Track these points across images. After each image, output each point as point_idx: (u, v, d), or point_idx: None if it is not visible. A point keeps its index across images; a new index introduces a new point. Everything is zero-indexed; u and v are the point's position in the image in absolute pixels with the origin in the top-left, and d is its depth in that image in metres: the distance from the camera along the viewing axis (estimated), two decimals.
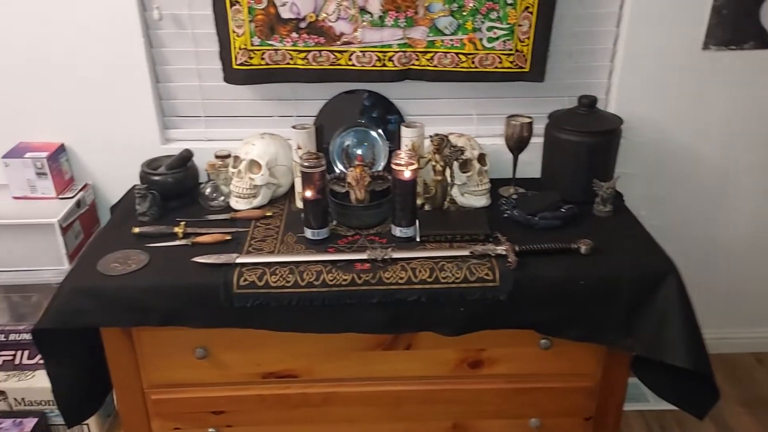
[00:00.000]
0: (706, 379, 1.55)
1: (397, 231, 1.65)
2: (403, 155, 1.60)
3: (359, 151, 1.88)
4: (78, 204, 1.91)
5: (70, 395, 1.64)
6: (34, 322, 1.54)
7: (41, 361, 1.90)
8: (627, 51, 1.90)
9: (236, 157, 1.80)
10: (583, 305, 1.54)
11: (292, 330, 1.54)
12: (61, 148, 1.94)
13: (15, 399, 1.94)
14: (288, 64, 1.83)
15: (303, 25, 1.78)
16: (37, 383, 1.93)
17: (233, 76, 1.85)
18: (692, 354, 1.50)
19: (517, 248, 1.55)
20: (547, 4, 1.77)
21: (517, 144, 1.82)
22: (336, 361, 1.64)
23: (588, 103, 1.80)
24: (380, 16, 1.77)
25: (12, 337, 1.94)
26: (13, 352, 1.96)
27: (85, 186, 1.97)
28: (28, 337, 1.92)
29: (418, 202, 1.72)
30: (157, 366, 1.63)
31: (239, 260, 1.53)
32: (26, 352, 1.96)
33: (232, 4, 1.74)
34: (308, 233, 1.63)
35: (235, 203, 1.80)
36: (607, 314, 1.55)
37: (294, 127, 1.72)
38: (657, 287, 1.52)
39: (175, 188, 1.81)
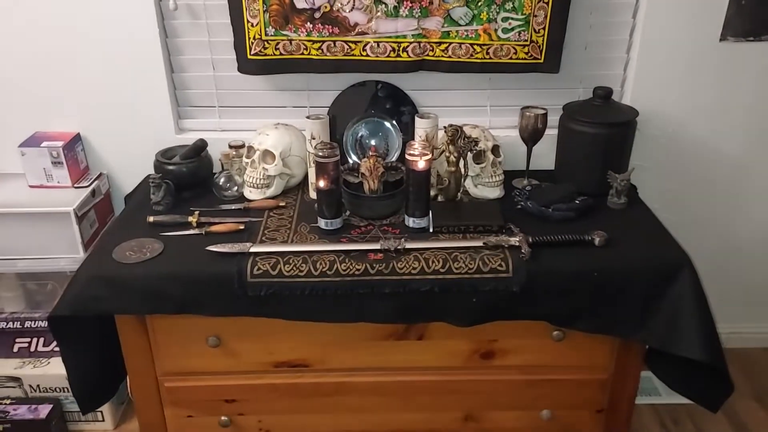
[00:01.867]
0: (719, 373, 1.54)
1: (411, 221, 1.65)
2: (416, 146, 1.60)
3: (373, 142, 1.88)
4: (93, 193, 1.92)
5: (84, 382, 1.65)
6: (49, 310, 1.56)
7: (56, 349, 1.93)
8: (643, 42, 1.88)
9: (250, 147, 1.80)
10: (596, 297, 1.53)
11: (304, 319, 1.55)
12: (77, 138, 1.96)
13: (30, 386, 1.96)
14: (302, 54, 1.83)
15: (317, 15, 1.78)
16: (52, 370, 1.94)
17: (247, 66, 1.85)
18: (706, 347, 1.49)
19: (530, 239, 1.55)
20: None
21: (532, 135, 1.81)
22: (348, 350, 1.65)
23: (603, 94, 1.79)
24: (395, 7, 1.77)
25: (27, 324, 1.96)
26: (28, 340, 1.98)
27: (100, 175, 1.99)
28: (43, 324, 1.94)
29: (432, 193, 1.72)
30: (170, 354, 1.64)
31: (253, 249, 1.54)
32: (42, 340, 1.98)
33: None
34: (321, 223, 1.64)
35: (249, 193, 1.80)
36: (620, 306, 1.54)
37: (308, 117, 1.72)
38: (671, 280, 1.51)
39: (189, 178, 1.82)
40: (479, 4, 1.77)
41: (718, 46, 1.88)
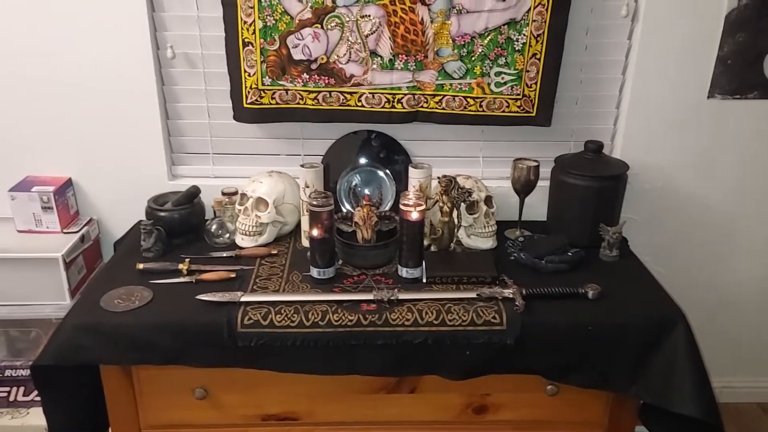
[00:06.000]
0: (715, 429, 1.52)
1: (404, 272, 1.64)
2: (411, 196, 1.60)
3: (367, 191, 1.89)
4: (82, 239, 1.90)
5: None
6: (31, 358, 1.52)
7: (37, 398, 1.87)
8: (632, 98, 1.92)
9: (243, 195, 1.80)
10: (590, 351, 1.52)
11: (295, 371, 1.52)
12: (68, 183, 1.94)
13: None
14: (298, 104, 1.85)
15: (314, 66, 1.80)
16: (32, 421, 1.87)
17: (243, 114, 1.86)
18: (701, 403, 1.48)
19: (524, 291, 1.54)
20: (554, 51, 1.80)
21: (524, 187, 1.83)
22: (338, 403, 1.61)
23: (594, 148, 1.82)
24: (390, 60, 1.80)
25: (8, 373, 1.90)
26: (8, 389, 1.91)
27: (90, 221, 1.97)
28: (24, 373, 1.88)
29: (425, 243, 1.72)
30: (155, 406, 1.60)
31: (244, 298, 1.52)
32: (22, 389, 1.91)
33: (244, 45, 1.77)
34: (314, 272, 1.62)
35: (241, 241, 1.79)
36: (614, 360, 1.53)
37: (302, 165, 1.73)
38: (666, 334, 1.51)
39: (180, 224, 1.80)
40: (473, 58, 1.81)
41: (706, 103, 1.93)
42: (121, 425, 1.61)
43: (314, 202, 1.57)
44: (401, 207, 1.60)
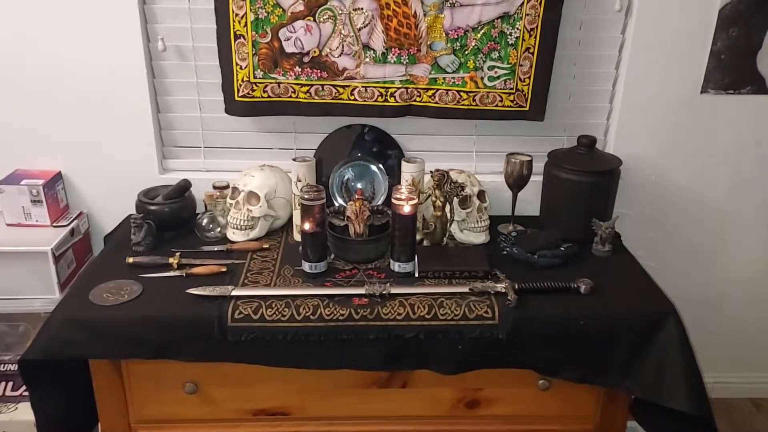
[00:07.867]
0: (706, 424, 1.52)
1: (396, 266, 1.63)
2: (403, 190, 1.60)
3: (359, 185, 1.88)
4: (72, 232, 1.88)
5: (54, 429, 1.59)
6: (20, 353, 1.51)
7: (26, 393, 1.85)
8: (626, 93, 1.92)
9: (235, 188, 1.79)
10: (582, 346, 1.52)
11: (286, 365, 1.51)
12: (58, 176, 1.93)
13: None
14: (290, 97, 1.84)
15: (306, 59, 1.79)
16: (21, 416, 1.86)
17: (235, 107, 1.85)
18: (693, 398, 1.48)
19: (516, 286, 1.54)
20: (548, 45, 1.80)
21: (517, 182, 1.82)
22: (330, 398, 1.61)
23: (587, 143, 1.82)
24: (383, 53, 1.79)
25: None
26: None
27: (79, 214, 1.95)
28: (12, 367, 1.87)
29: (417, 237, 1.71)
30: (145, 400, 1.59)
31: (234, 293, 1.51)
32: (10, 384, 1.90)
33: (236, 38, 1.76)
34: (306, 266, 1.62)
35: (232, 235, 1.78)
36: (606, 355, 1.53)
37: (294, 159, 1.72)
38: (657, 329, 1.51)
39: (171, 218, 1.79)
40: (466, 52, 1.80)
41: (700, 97, 1.93)
42: (110, 420, 1.60)
43: (306, 196, 1.57)
44: (394, 201, 1.59)
